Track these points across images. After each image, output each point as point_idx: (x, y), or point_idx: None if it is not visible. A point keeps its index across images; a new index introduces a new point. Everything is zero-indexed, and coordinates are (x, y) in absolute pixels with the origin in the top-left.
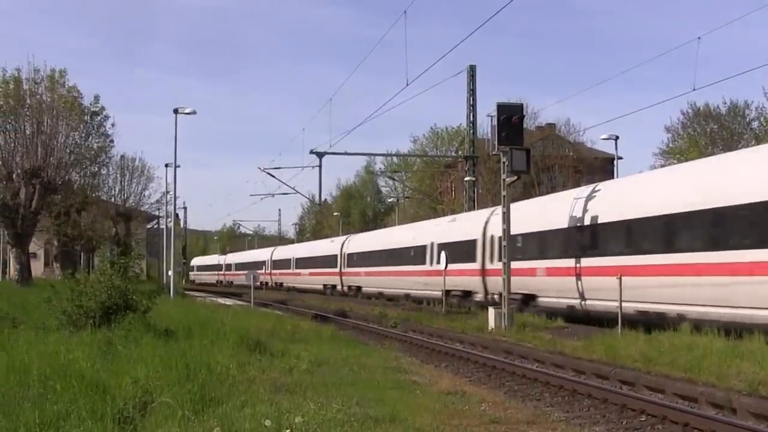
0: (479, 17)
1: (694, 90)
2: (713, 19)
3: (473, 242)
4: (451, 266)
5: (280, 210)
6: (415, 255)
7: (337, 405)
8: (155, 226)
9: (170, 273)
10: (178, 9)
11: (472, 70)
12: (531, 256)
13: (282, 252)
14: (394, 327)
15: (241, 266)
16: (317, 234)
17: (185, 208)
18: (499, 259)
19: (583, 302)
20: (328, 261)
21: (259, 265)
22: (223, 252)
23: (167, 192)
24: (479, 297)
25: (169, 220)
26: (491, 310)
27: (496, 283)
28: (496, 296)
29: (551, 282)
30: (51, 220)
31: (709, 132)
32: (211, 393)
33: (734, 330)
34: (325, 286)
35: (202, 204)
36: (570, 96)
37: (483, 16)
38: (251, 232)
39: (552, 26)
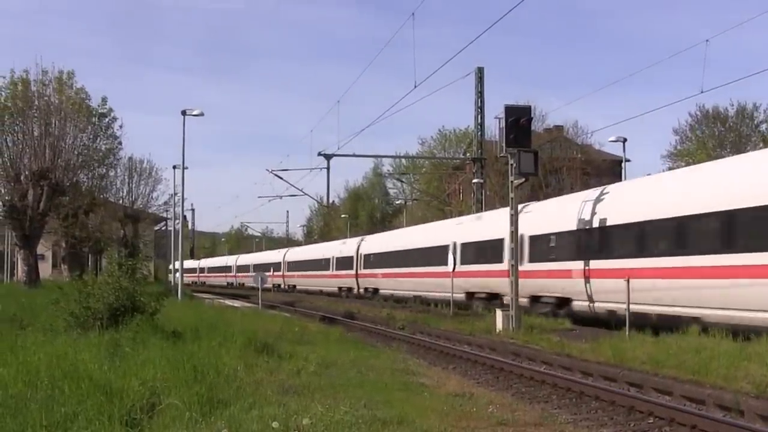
0: (487, 19)
1: (702, 92)
2: (721, 22)
3: (500, 241)
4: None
5: (288, 212)
6: (436, 255)
7: (345, 407)
8: (163, 228)
9: (178, 274)
10: (186, 10)
11: (480, 72)
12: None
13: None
14: (402, 329)
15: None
16: (325, 236)
17: (193, 210)
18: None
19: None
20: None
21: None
22: (231, 253)
23: (175, 194)
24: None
25: (177, 221)
26: (499, 312)
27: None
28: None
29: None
30: (59, 221)
31: (717, 134)
32: (219, 395)
33: (742, 332)
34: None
35: (210, 206)
36: (578, 98)
37: (491, 18)
38: (259, 234)
39: (560, 28)
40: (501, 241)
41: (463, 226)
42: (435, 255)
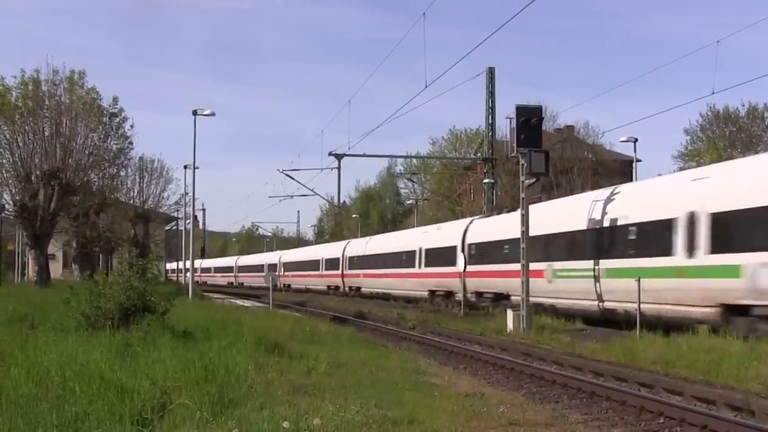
0: (498, 19)
1: (713, 93)
2: (732, 23)
3: (453, 248)
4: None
5: (299, 212)
6: (406, 259)
7: (356, 407)
8: (174, 228)
9: (188, 274)
10: (196, 10)
11: (490, 72)
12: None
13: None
14: (412, 329)
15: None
16: (336, 236)
17: (204, 210)
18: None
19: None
20: (332, 264)
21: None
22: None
23: (186, 194)
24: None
25: (187, 221)
26: (510, 312)
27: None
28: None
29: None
30: (69, 221)
31: (728, 135)
32: (230, 395)
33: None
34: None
35: (221, 206)
36: (589, 98)
37: (502, 18)
38: (270, 234)
39: (571, 28)
40: (454, 248)
41: (428, 235)
42: (405, 258)
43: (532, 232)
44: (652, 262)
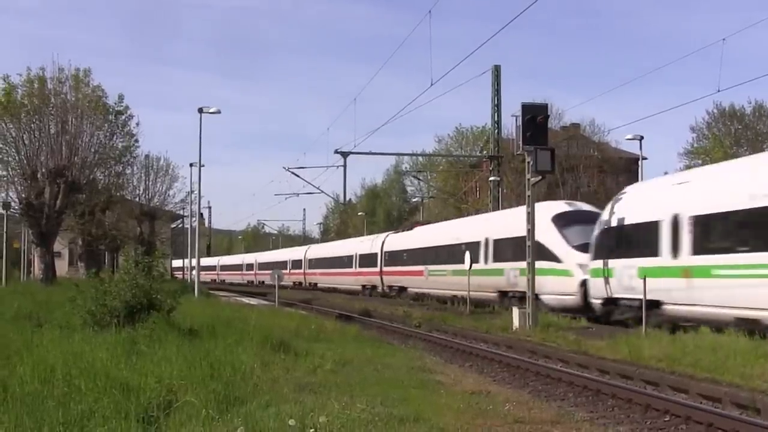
0: (504, 17)
1: (719, 91)
2: (738, 21)
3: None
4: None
5: (304, 210)
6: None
7: (362, 404)
8: (180, 226)
9: (194, 272)
10: (203, 7)
11: (496, 70)
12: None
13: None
14: (418, 327)
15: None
16: (342, 234)
17: (210, 208)
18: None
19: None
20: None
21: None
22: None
23: (192, 191)
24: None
25: (193, 219)
26: (515, 310)
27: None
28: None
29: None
30: (75, 219)
31: (734, 132)
32: (236, 392)
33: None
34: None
35: (227, 203)
36: (595, 96)
37: (508, 16)
38: (275, 232)
39: (577, 26)
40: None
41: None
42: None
43: (416, 245)
44: (462, 266)
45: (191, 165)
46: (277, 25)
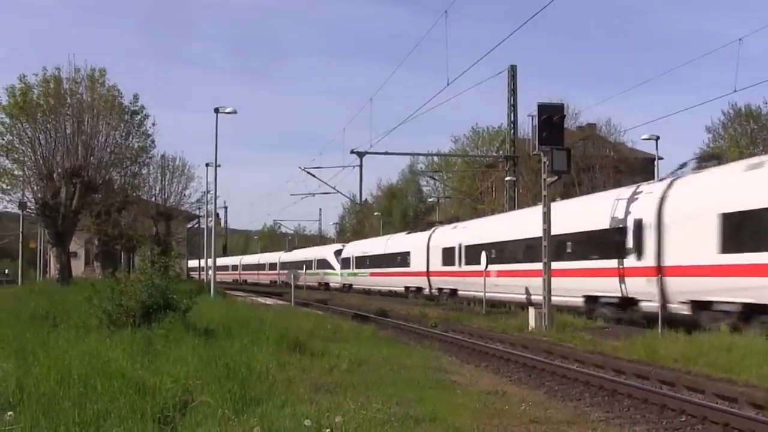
0: (520, 17)
1: (735, 91)
2: (755, 20)
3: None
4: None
5: (320, 210)
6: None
7: (378, 404)
8: (196, 226)
9: (210, 272)
10: (219, 7)
11: (512, 69)
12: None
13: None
14: (434, 327)
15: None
16: (358, 234)
17: (226, 208)
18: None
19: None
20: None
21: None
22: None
23: (208, 191)
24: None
25: (209, 219)
26: (531, 310)
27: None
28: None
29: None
30: (91, 219)
31: (750, 133)
32: (251, 392)
33: None
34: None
35: (243, 203)
36: (611, 96)
37: (524, 16)
38: (291, 232)
39: (593, 26)
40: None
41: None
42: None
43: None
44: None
45: (207, 165)
46: (294, 24)
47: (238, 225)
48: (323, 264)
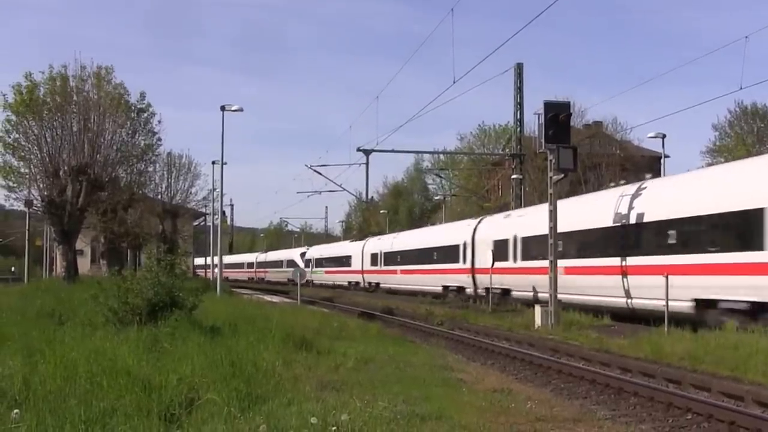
0: (527, 14)
1: (741, 89)
2: (761, 18)
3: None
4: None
5: (326, 207)
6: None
7: (384, 402)
8: (202, 224)
9: (216, 270)
10: (225, 5)
11: (519, 68)
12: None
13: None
14: (440, 325)
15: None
16: (364, 232)
17: (232, 205)
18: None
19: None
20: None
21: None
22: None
23: (214, 189)
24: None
25: (215, 217)
26: (537, 308)
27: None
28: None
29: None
30: (97, 217)
31: (756, 130)
32: (257, 390)
33: None
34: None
35: (250, 201)
36: (617, 94)
37: (530, 14)
38: (298, 230)
39: (600, 24)
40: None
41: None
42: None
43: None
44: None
45: (213, 163)
46: (300, 22)
47: (245, 223)
48: (291, 264)
